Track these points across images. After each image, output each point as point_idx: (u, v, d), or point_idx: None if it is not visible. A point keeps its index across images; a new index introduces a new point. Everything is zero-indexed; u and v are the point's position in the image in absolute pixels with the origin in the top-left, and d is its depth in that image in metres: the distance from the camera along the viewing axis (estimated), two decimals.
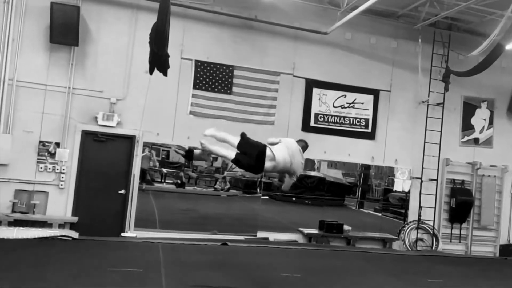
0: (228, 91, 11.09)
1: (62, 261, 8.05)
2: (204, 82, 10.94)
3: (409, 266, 10.21)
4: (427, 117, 12.20)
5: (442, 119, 12.23)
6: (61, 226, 9.87)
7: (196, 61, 10.95)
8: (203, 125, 10.85)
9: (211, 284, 7.09)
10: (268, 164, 6.19)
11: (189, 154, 14.64)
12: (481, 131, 12.97)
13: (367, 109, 12.10)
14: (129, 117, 10.51)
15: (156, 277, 7.32)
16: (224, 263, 7.73)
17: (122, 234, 10.36)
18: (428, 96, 12.17)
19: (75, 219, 10.04)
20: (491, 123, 13.05)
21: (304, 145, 6.64)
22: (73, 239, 9.59)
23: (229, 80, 11.08)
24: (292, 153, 6.37)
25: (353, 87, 11.96)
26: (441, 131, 12.23)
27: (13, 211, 9.75)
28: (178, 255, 9.26)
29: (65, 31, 9.83)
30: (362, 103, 12.04)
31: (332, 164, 23.19)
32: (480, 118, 12.97)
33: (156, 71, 9.11)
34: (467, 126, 12.89)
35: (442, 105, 12.24)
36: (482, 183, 12.83)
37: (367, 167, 20.49)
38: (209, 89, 10.97)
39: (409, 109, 12.40)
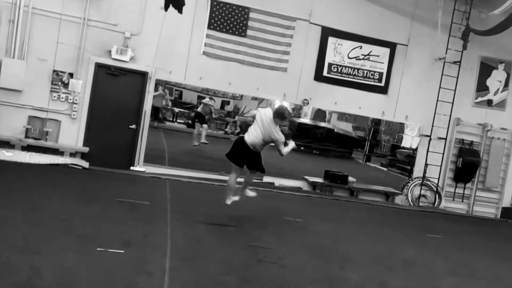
0: (243, 34, 10.96)
1: (72, 188, 8.31)
2: (219, 22, 10.80)
3: (409, 220, 10.39)
4: (442, 74, 12.02)
5: (457, 78, 12.06)
6: (72, 155, 10.08)
7: (212, 0, 10.78)
8: (215, 66, 10.92)
9: (214, 222, 7.29)
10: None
11: (200, 117, 14.89)
12: (495, 93, 12.81)
13: (382, 63, 11.93)
14: (142, 53, 10.46)
15: (162, 211, 7.54)
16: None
17: (131, 168, 10.57)
18: (446, 54, 11.96)
19: (86, 149, 10.21)
20: (506, 85, 12.84)
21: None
22: (84, 168, 9.85)
23: (244, 22, 10.93)
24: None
25: (370, 38, 11.73)
26: (455, 90, 12.08)
27: (26, 137, 9.93)
28: (185, 192, 9.51)
29: None
30: (378, 56, 11.87)
31: (342, 117, 23.29)
32: (495, 79, 12.76)
33: (171, 8, 9.06)
34: (481, 87, 12.72)
35: (458, 63, 12.03)
36: (491, 145, 12.78)
37: (377, 123, 20.58)
38: (224, 30, 10.84)
39: (425, 65, 12.21)
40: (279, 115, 7.15)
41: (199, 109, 15.52)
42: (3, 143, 9.59)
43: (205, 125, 15.01)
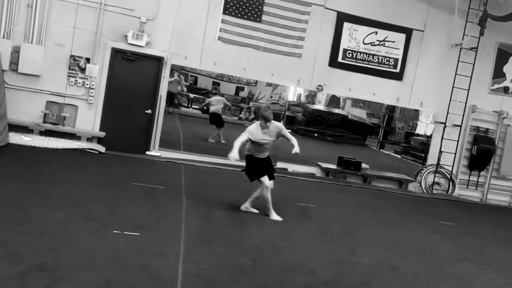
0: (258, 19, 10.95)
1: (88, 172, 8.46)
2: (234, 7, 10.80)
3: (422, 208, 10.39)
4: (458, 61, 11.91)
5: (474, 64, 11.94)
6: (89, 139, 10.23)
7: None
8: (230, 51, 10.95)
9: (228, 206, 7.40)
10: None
11: (217, 120, 14.58)
12: None
13: (398, 49, 11.85)
14: (158, 38, 10.53)
15: (177, 195, 7.67)
16: (242, 187, 8.01)
17: (147, 153, 10.70)
18: (462, 40, 11.83)
19: (102, 134, 10.36)
20: None
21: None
22: (100, 153, 10.00)
23: (260, 7, 10.91)
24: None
25: (385, 24, 11.64)
26: (471, 77, 11.97)
27: (44, 122, 10.08)
28: (199, 176, 9.61)
29: None
30: (393, 42, 11.79)
31: (357, 104, 23.13)
32: None
33: None
34: (498, 74, 12.57)
35: (475, 50, 11.91)
36: (506, 132, 12.67)
37: (391, 109, 20.38)
38: (239, 15, 10.85)
39: (441, 51, 12.10)
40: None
41: (219, 112, 14.59)
42: (22, 128, 9.75)
43: (221, 128, 14.52)
